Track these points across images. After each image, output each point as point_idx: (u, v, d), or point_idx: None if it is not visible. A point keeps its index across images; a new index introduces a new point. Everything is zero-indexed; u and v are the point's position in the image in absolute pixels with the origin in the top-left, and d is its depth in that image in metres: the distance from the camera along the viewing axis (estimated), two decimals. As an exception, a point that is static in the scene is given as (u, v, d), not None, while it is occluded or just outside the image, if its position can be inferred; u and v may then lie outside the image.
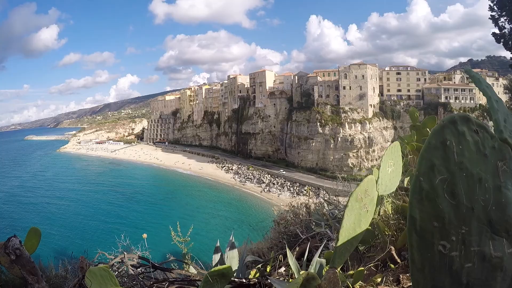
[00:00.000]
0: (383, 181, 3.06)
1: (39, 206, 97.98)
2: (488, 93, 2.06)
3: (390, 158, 3.24)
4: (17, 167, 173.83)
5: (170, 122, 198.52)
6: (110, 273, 2.84)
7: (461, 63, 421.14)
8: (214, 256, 4.27)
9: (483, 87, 2.08)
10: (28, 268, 3.87)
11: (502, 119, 1.93)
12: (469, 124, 1.65)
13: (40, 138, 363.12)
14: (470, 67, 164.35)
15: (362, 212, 2.65)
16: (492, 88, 2.19)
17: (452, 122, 1.58)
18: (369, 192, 2.73)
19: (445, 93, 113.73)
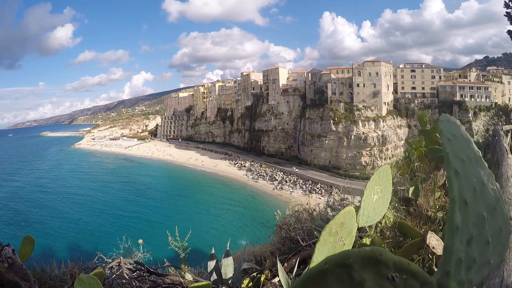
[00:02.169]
0: (366, 211, 2.88)
1: (55, 201, 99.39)
2: (449, 159, 1.80)
3: (377, 183, 3.03)
4: (33, 163, 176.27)
5: (183, 119, 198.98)
6: (97, 281, 2.86)
7: (477, 60, 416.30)
8: (209, 263, 4.33)
9: (443, 141, 1.90)
10: (21, 274, 3.99)
11: (462, 240, 1.63)
12: (379, 268, 1.19)
13: (55, 135, 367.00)
14: (486, 64, 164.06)
15: (338, 245, 2.43)
16: (464, 140, 2.02)
17: (343, 266, 1.16)
18: (347, 225, 2.52)
19: (460, 91, 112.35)
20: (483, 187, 1.79)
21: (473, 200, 1.69)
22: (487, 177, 1.87)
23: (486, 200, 1.78)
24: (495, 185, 1.90)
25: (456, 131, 2.00)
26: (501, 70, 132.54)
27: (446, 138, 1.87)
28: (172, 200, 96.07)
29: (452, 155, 1.77)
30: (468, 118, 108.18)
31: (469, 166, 1.79)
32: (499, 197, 1.88)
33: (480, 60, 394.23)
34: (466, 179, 1.72)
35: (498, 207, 1.84)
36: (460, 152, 1.83)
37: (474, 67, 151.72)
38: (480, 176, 1.81)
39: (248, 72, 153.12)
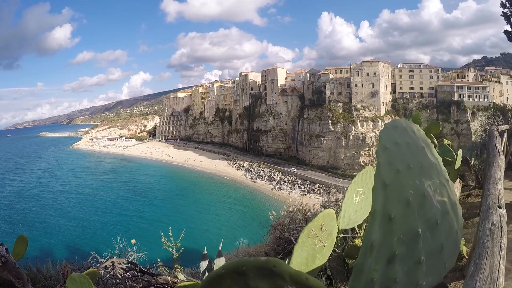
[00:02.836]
0: (347, 213, 2.81)
1: (53, 201, 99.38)
2: (379, 170, 1.68)
3: (360, 185, 2.94)
4: (32, 163, 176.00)
5: (181, 119, 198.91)
6: (88, 280, 2.90)
7: (475, 60, 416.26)
8: (201, 264, 4.34)
9: (377, 150, 1.78)
10: (14, 273, 4.11)
11: (379, 259, 1.54)
12: (274, 279, 1.15)
13: (54, 135, 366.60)
14: (484, 64, 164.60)
15: (317, 248, 2.36)
16: (411, 147, 1.91)
17: (238, 273, 1.15)
18: (327, 227, 2.45)
19: (459, 91, 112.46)
20: (423, 200, 1.68)
21: (403, 215, 1.59)
22: (435, 188, 1.78)
23: (426, 214, 1.68)
24: (447, 196, 1.82)
25: (402, 138, 1.87)
26: (499, 70, 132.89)
27: (382, 147, 1.75)
28: (170, 200, 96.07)
29: (384, 165, 1.66)
30: (466, 118, 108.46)
31: (405, 177, 1.68)
32: (449, 210, 1.81)
33: (478, 60, 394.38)
34: (397, 191, 1.61)
35: (443, 221, 1.75)
36: (397, 161, 1.71)
37: (472, 67, 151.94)
38: (421, 188, 1.70)
39: (247, 72, 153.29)
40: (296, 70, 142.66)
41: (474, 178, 8.75)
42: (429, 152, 1.98)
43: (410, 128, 2.03)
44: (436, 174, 1.88)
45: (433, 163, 1.93)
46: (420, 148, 1.93)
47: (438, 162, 1.99)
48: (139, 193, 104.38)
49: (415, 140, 1.95)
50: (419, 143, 1.96)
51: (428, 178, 1.78)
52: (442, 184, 1.86)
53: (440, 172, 1.93)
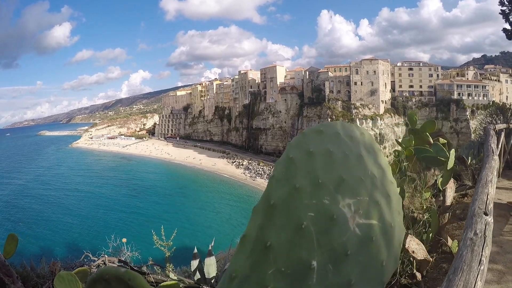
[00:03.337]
0: None
1: (55, 198, 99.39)
2: (269, 188, 1.49)
3: None
4: (32, 162, 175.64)
5: (181, 117, 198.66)
6: (75, 278, 2.88)
7: (475, 58, 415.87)
8: (192, 263, 4.34)
9: (276, 164, 1.58)
10: (4, 270, 4.23)
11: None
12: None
13: (53, 134, 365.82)
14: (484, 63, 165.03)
15: None
16: (330, 158, 1.68)
17: (103, 280, 1.20)
18: None
19: (458, 90, 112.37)
20: (330, 224, 1.43)
21: (290, 243, 1.32)
22: (358, 208, 1.53)
23: (332, 242, 1.41)
24: (377, 217, 1.60)
25: (322, 145, 1.67)
26: (498, 68, 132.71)
27: (284, 157, 1.58)
28: (170, 197, 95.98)
29: (276, 181, 1.46)
30: (465, 116, 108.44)
31: (305, 196, 1.43)
32: (375, 236, 1.55)
33: (478, 59, 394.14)
34: (285, 213, 1.37)
35: (360, 251, 1.48)
36: (299, 175, 1.49)
37: (471, 66, 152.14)
38: (329, 209, 1.45)
39: (246, 70, 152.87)
40: (295, 68, 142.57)
41: (470, 178, 8.71)
42: (370, 161, 1.80)
43: (347, 133, 1.84)
44: (368, 189, 1.65)
45: (369, 175, 1.71)
46: (353, 158, 1.72)
47: (380, 173, 1.80)
48: (139, 190, 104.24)
49: (348, 148, 1.75)
50: (356, 151, 1.77)
51: (349, 196, 1.54)
52: (374, 202, 1.63)
53: (377, 186, 1.71)
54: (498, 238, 5.62)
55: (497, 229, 5.96)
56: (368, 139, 1.95)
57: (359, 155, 1.77)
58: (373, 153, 1.90)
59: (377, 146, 2.03)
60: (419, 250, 2.91)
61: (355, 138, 1.86)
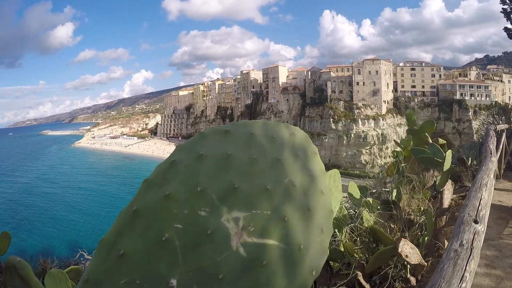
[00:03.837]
0: None
1: (59, 196, 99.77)
2: (138, 197, 1.32)
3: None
4: (35, 161, 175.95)
5: (183, 117, 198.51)
6: (65, 276, 2.98)
7: (477, 59, 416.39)
8: None
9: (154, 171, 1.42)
10: None
11: None
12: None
13: (55, 133, 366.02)
14: (486, 63, 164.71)
15: None
16: (230, 162, 1.46)
17: None
18: None
19: (460, 90, 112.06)
20: (202, 240, 1.22)
21: (148, 255, 1.16)
22: (249, 223, 1.28)
23: (200, 261, 1.19)
24: (277, 237, 1.32)
25: (216, 148, 1.49)
26: (501, 69, 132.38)
27: (166, 160, 1.43)
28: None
29: (147, 185, 1.33)
30: (468, 116, 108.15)
31: (176, 204, 1.26)
32: (269, 261, 1.25)
33: (480, 59, 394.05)
34: (149, 222, 1.23)
35: (242, 277, 1.21)
36: (176, 181, 1.33)
37: (474, 66, 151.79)
38: (205, 223, 1.24)
39: (248, 70, 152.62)
40: (297, 68, 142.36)
41: (471, 179, 8.60)
42: (293, 167, 1.58)
43: (267, 134, 1.65)
44: (274, 201, 1.40)
45: (284, 184, 1.48)
46: (264, 163, 1.50)
47: (306, 182, 1.57)
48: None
49: (261, 151, 1.55)
50: (273, 155, 1.56)
51: (239, 208, 1.31)
52: (278, 217, 1.37)
53: (292, 198, 1.47)
54: (498, 241, 5.49)
55: (497, 233, 5.84)
56: (300, 141, 1.75)
57: (275, 159, 1.54)
58: (303, 158, 1.69)
59: (313, 149, 1.84)
60: (413, 255, 2.80)
61: (279, 140, 1.65)
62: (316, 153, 1.85)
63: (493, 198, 7.05)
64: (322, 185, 1.67)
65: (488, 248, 5.06)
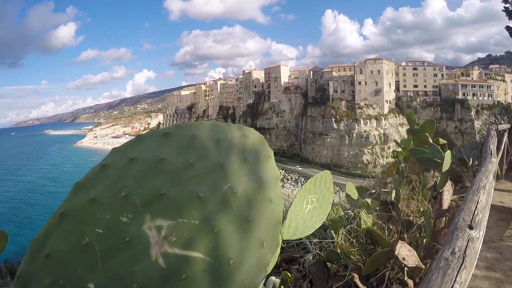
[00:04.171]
0: (293, 223, 2.40)
1: (63, 195, 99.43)
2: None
3: (312, 192, 2.60)
4: (37, 160, 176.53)
5: (185, 116, 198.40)
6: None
7: (479, 58, 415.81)
8: None
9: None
10: None
11: None
12: None
13: (58, 133, 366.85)
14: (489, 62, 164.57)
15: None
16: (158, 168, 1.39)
17: None
18: None
19: (463, 89, 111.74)
20: (120, 247, 1.19)
21: (69, 257, 1.15)
22: (172, 232, 1.22)
23: (117, 268, 1.16)
24: (204, 250, 1.25)
25: (149, 152, 1.43)
26: (503, 68, 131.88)
27: (98, 164, 1.39)
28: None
29: (75, 189, 1.30)
30: (470, 116, 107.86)
31: (99, 209, 1.23)
32: (193, 275, 1.20)
33: (482, 58, 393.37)
34: (73, 225, 1.21)
35: (166, 286, 1.16)
36: (102, 185, 1.30)
37: (476, 65, 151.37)
38: (123, 229, 1.20)
39: (250, 70, 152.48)
40: (299, 68, 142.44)
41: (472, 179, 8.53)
42: (238, 172, 1.49)
43: (214, 136, 1.57)
44: (206, 210, 1.32)
45: (222, 191, 1.39)
46: (203, 168, 1.43)
47: (252, 189, 1.47)
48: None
49: (202, 155, 1.48)
50: (215, 159, 1.49)
51: (164, 216, 1.25)
52: (208, 228, 1.29)
53: (229, 207, 1.37)
54: (499, 243, 5.42)
55: (498, 234, 5.76)
56: (252, 143, 1.67)
57: (216, 164, 1.47)
58: (253, 162, 1.58)
59: (267, 153, 1.72)
60: (410, 257, 2.72)
61: (226, 142, 1.57)
62: (270, 157, 1.71)
63: (494, 199, 6.99)
64: (272, 193, 1.54)
65: (489, 250, 4.99)
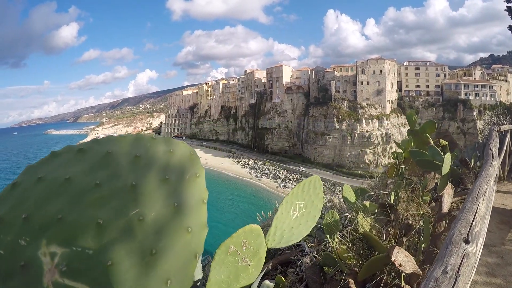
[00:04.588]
0: (279, 231, 2.33)
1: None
2: None
3: (300, 198, 2.52)
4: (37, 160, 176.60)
5: (187, 116, 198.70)
6: None
7: (482, 58, 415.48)
8: None
9: None
10: None
11: None
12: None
13: (60, 133, 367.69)
14: (491, 62, 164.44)
15: (241, 266, 2.00)
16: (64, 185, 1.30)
17: None
18: (251, 244, 2.09)
19: (465, 89, 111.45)
20: (16, 271, 1.12)
21: None
22: (56, 260, 1.14)
23: None
24: (81, 280, 1.14)
25: (57, 170, 1.36)
26: (506, 68, 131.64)
27: (9, 185, 1.32)
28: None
29: None
30: (472, 116, 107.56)
31: (2, 230, 1.18)
32: None
33: (485, 58, 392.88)
34: None
35: None
36: (9, 206, 1.23)
37: (479, 65, 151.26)
38: (20, 253, 1.14)
39: (252, 70, 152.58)
40: (301, 67, 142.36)
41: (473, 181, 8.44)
42: (154, 195, 1.33)
43: (132, 152, 1.42)
44: (103, 239, 1.20)
45: (128, 218, 1.26)
46: (110, 190, 1.29)
47: (167, 215, 1.32)
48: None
49: (114, 174, 1.34)
50: (127, 180, 1.34)
51: (59, 242, 1.16)
52: (100, 260, 1.17)
53: (133, 236, 1.24)
54: (500, 248, 5.29)
55: (499, 238, 5.65)
56: (178, 160, 1.48)
57: (127, 185, 1.32)
58: (175, 182, 1.43)
59: (195, 172, 1.53)
60: (408, 263, 2.63)
61: (145, 159, 1.42)
62: (198, 176, 1.53)
63: (496, 201, 6.88)
64: (193, 221, 1.40)
65: (490, 255, 4.88)
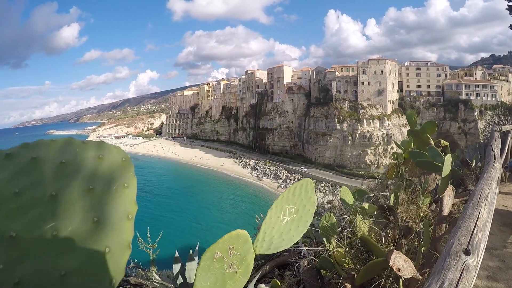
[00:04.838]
0: (267, 236, 2.28)
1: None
2: None
3: (290, 202, 2.44)
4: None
5: (188, 117, 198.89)
6: None
7: (483, 58, 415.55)
8: (174, 266, 4.17)
9: None
10: None
11: None
12: None
13: (61, 133, 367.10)
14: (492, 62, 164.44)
15: (228, 273, 1.93)
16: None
17: None
18: (238, 251, 1.99)
19: (466, 90, 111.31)
20: None
21: None
22: None
23: None
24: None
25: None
26: (507, 68, 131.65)
27: None
28: (177, 197, 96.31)
29: None
30: (474, 117, 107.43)
31: None
32: None
33: (486, 58, 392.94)
34: None
35: None
36: None
37: (480, 65, 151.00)
38: None
39: (253, 70, 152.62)
40: (302, 68, 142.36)
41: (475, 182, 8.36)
42: (74, 206, 1.26)
43: (59, 158, 1.30)
44: (13, 255, 1.14)
45: (41, 230, 1.19)
46: (29, 200, 1.20)
47: (86, 231, 1.25)
48: (146, 189, 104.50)
49: (34, 183, 1.23)
50: (47, 189, 1.24)
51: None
52: (9, 277, 1.12)
53: (47, 254, 1.17)
54: (502, 251, 5.17)
55: (501, 241, 5.54)
56: (108, 167, 1.39)
57: (47, 195, 1.23)
58: (101, 193, 1.34)
59: (125, 181, 1.45)
60: (406, 267, 2.54)
61: (71, 166, 1.31)
62: (127, 187, 1.43)
63: (498, 203, 6.78)
64: (113, 239, 1.29)
65: (491, 258, 4.78)
